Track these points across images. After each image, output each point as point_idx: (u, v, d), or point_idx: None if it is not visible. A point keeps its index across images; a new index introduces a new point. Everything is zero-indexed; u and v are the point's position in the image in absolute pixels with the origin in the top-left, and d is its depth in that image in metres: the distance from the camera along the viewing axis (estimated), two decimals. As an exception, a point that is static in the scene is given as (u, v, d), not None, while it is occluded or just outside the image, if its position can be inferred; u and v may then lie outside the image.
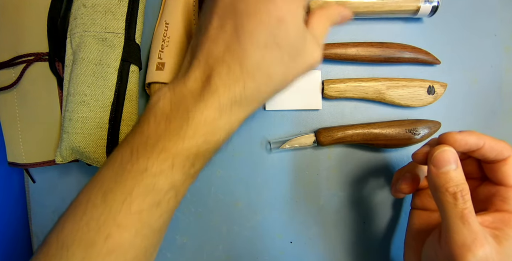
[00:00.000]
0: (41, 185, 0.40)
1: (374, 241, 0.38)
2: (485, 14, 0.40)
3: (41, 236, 0.40)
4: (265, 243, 0.39)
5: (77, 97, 0.33)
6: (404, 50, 0.37)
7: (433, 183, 0.25)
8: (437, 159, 0.25)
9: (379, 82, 0.37)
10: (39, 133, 0.36)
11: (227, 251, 0.39)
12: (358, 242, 0.38)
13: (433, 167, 0.25)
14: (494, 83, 0.39)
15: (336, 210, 0.39)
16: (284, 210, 0.39)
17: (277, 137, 0.39)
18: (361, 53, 0.37)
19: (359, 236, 0.38)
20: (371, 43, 0.38)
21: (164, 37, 0.36)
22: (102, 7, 0.35)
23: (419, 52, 0.38)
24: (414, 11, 0.37)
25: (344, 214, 0.39)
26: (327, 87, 0.37)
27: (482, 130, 0.39)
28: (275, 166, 0.39)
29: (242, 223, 0.39)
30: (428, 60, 0.38)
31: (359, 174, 0.39)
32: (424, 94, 0.38)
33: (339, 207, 0.39)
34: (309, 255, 0.39)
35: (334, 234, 0.39)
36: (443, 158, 0.25)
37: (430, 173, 0.26)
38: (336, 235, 0.39)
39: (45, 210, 0.40)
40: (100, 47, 0.34)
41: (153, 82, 0.35)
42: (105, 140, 0.33)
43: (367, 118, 0.39)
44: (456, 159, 0.25)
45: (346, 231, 0.38)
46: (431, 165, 0.25)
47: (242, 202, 0.39)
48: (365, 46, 0.37)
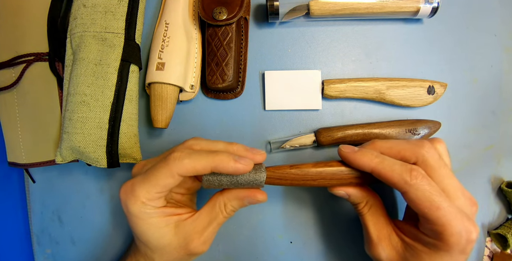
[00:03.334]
0: (41, 185, 0.40)
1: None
2: (485, 14, 0.40)
3: (41, 236, 0.40)
4: (265, 243, 0.39)
5: (77, 97, 0.33)
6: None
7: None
8: None
9: (379, 82, 0.37)
10: (39, 133, 0.36)
11: (227, 251, 0.39)
12: (358, 242, 0.38)
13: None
14: (494, 83, 0.39)
15: (336, 210, 0.39)
16: (284, 210, 0.39)
17: (277, 137, 0.39)
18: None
19: (359, 236, 0.38)
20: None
21: (164, 37, 0.36)
22: (102, 7, 0.35)
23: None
24: (414, 12, 0.37)
25: (344, 214, 0.39)
26: (327, 87, 0.37)
27: (482, 130, 0.39)
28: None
29: (242, 223, 0.39)
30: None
31: (359, 174, 0.39)
32: (424, 94, 0.38)
33: (339, 207, 0.39)
34: (309, 255, 0.39)
35: (334, 234, 0.39)
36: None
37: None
38: (336, 235, 0.39)
39: (45, 210, 0.40)
40: (100, 47, 0.34)
41: (153, 82, 0.36)
42: (105, 140, 0.33)
43: (367, 118, 0.39)
44: None
45: (346, 231, 0.38)
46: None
47: (242, 202, 0.39)
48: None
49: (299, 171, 0.29)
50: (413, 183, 0.25)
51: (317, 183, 0.30)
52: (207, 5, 0.36)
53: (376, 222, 0.30)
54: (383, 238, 0.30)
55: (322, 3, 0.36)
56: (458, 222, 0.25)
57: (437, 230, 0.25)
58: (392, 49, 0.39)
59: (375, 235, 0.30)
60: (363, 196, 0.30)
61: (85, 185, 0.40)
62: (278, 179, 0.29)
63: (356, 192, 0.30)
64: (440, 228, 0.25)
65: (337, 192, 0.30)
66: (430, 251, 0.26)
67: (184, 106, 0.39)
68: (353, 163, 0.28)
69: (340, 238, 0.39)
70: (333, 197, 0.39)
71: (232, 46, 0.37)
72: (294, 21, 0.39)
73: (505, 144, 0.39)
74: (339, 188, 0.30)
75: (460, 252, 0.25)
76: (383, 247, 0.29)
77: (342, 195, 0.30)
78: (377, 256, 0.30)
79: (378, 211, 0.30)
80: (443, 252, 0.26)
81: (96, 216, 0.40)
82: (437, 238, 0.26)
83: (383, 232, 0.30)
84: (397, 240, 0.29)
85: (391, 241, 0.29)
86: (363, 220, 0.31)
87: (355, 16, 0.38)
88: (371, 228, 0.30)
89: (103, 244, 0.40)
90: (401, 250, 0.29)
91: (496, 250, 0.39)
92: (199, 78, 0.39)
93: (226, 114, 0.39)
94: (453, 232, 0.25)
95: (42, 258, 0.40)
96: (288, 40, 0.40)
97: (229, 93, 0.39)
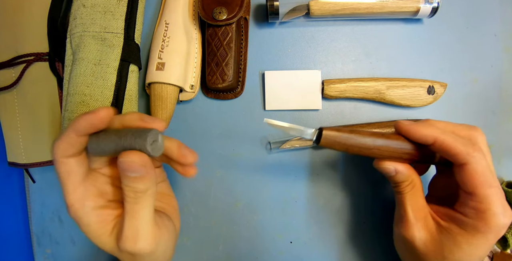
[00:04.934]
0: (41, 185, 0.40)
1: (374, 241, 0.38)
2: (485, 14, 0.40)
3: (41, 236, 0.40)
4: (265, 243, 0.39)
5: (76, 97, 0.33)
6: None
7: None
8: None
9: (379, 82, 0.37)
10: (39, 133, 0.36)
11: (227, 251, 0.39)
12: (358, 242, 0.38)
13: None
14: (494, 83, 0.39)
15: (336, 210, 0.39)
16: (284, 210, 0.39)
17: (277, 137, 0.39)
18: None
19: (359, 236, 0.38)
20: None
21: (164, 37, 0.36)
22: (101, 7, 0.35)
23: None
24: (414, 12, 0.37)
25: (344, 214, 0.39)
26: (327, 87, 0.37)
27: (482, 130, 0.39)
28: (275, 166, 0.39)
29: (242, 223, 0.39)
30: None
31: (359, 174, 0.39)
32: (424, 94, 0.38)
33: (339, 207, 0.39)
34: (309, 255, 0.39)
35: (334, 234, 0.39)
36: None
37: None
38: (336, 235, 0.39)
39: (45, 210, 0.40)
40: (100, 47, 0.34)
41: (153, 82, 0.36)
42: (105, 140, 0.33)
43: (367, 118, 0.39)
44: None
45: (346, 231, 0.38)
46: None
47: (242, 202, 0.39)
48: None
49: (359, 138, 0.28)
50: (475, 155, 0.25)
51: (371, 152, 0.28)
52: (207, 5, 0.36)
53: (414, 203, 0.29)
54: (419, 219, 0.29)
55: (322, 3, 0.36)
56: (501, 205, 0.25)
57: (481, 208, 0.25)
58: (392, 49, 0.39)
59: (412, 215, 0.29)
60: (409, 175, 0.29)
61: (85, 185, 0.40)
62: (336, 143, 0.28)
63: (404, 170, 0.29)
64: (485, 207, 0.25)
65: (386, 166, 0.29)
66: (467, 233, 0.26)
67: (184, 106, 0.39)
68: (415, 134, 0.27)
69: (340, 238, 0.39)
70: (333, 197, 0.39)
71: (232, 46, 0.37)
72: (294, 21, 0.39)
73: (505, 144, 0.39)
74: (389, 162, 0.29)
75: (495, 235, 0.26)
76: (418, 228, 0.29)
77: (389, 171, 0.29)
78: (410, 237, 0.29)
79: (418, 192, 0.30)
80: (480, 235, 0.26)
81: (96, 216, 0.40)
82: (478, 218, 0.26)
83: (420, 214, 0.29)
84: (433, 223, 0.29)
85: (427, 223, 0.29)
86: (402, 199, 0.30)
87: (355, 16, 0.38)
88: (409, 209, 0.29)
89: (103, 244, 0.40)
90: (436, 233, 0.28)
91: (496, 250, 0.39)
92: (199, 78, 0.39)
93: (226, 114, 0.39)
94: (496, 213, 0.25)
95: (42, 258, 0.40)
96: (288, 40, 0.40)
97: (229, 93, 0.39)
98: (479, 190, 0.25)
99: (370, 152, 0.28)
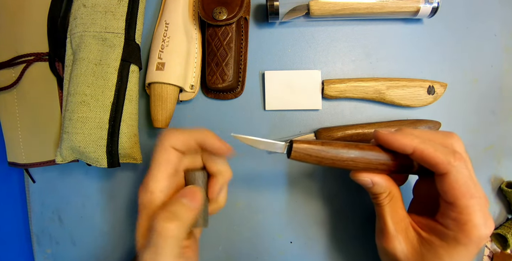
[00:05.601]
0: (41, 185, 0.40)
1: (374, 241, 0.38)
2: (485, 14, 0.40)
3: (41, 236, 0.40)
4: (265, 243, 0.39)
5: (77, 97, 0.33)
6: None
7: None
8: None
9: (379, 82, 0.37)
10: (39, 133, 0.36)
11: (227, 251, 0.39)
12: (358, 242, 0.38)
13: None
14: (494, 83, 0.39)
15: (336, 210, 0.39)
16: (284, 210, 0.39)
17: (277, 137, 0.39)
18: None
19: (359, 236, 0.38)
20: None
21: (164, 37, 0.36)
22: (102, 7, 0.35)
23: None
24: (414, 12, 0.37)
25: (344, 214, 0.39)
26: (327, 87, 0.37)
27: (482, 130, 0.39)
28: (275, 166, 0.39)
29: (242, 223, 0.39)
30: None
31: (359, 174, 0.39)
32: (424, 94, 0.38)
33: (339, 207, 0.39)
34: (309, 255, 0.39)
35: (334, 234, 0.39)
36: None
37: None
38: (336, 235, 0.39)
39: (45, 210, 0.40)
40: (100, 47, 0.34)
41: (153, 82, 0.36)
42: (105, 140, 0.33)
43: (367, 118, 0.39)
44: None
45: (346, 231, 0.38)
46: None
47: (242, 202, 0.39)
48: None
49: (331, 150, 0.27)
50: (456, 165, 0.25)
51: (345, 164, 0.28)
52: (207, 5, 0.36)
53: (394, 214, 0.29)
54: (400, 231, 0.29)
55: (322, 3, 0.36)
56: (482, 215, 0.25)
57: (461, 220, 0.25)
58: (392, 49, 0.39)
59: (392, 228, 0.29)
60: (387, 186, 0.29)
61: (85, 185, 0.40)
62: (307, 156, 0.28)
63: (381, 181, 0.28)
64: (466, 218, 0.25)
65: (362, 178, 0.28)
66: (448, 245, 0.26)
67: (184, 106, 0.39)
68: (394, 143, 0.27)
69: (340, 238, 0.39)
70: (333, 197, 0.39)
71: (232, 46, 0.37)
72: (294, 21, 0.39)
73: (505, 144, 0.39)
74: (365, 174, 0.28)
75: (476, 246, 0.25)
76: (399, 241, 0.28)
77: (366, 183, 0.29)
78: (391, 250, 0.29)
79: (397, 203, 0.29)
80: (461, 246, 0.25)
81: (96, 216, 0.40)
82: (459, 230, 0.25)
83: (400, 225, 0.29)
84: (414, 234, 0.29)
85: (408, 235, 0.29)
86: (381, 211, 0.29)
87: (355, 16, 0.38)
88: (389, 221, 0.29)
89: (103, 244, 0.40)
90: (417, 244, 0.28)
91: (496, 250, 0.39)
92: (199, 78, 0.39)
93: (226, 114, 0.39)
94: (477, 224, 0.25)
95: (42, 258, 0.40)
96: (288, 40, 0.40)
97: (229, 93, 0.39)
98: (460, 200, 0.25)
99: (344, 164, 0.28)
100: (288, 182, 0.39)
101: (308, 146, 0.28)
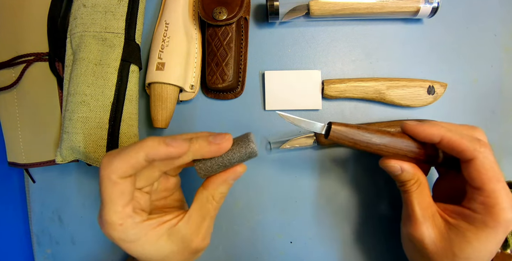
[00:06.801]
0: (41, 185, 0.40)
1: (374, 241, 0.38)
2: (485, 14, 0.40)
3: (41, 236, 0.40)
4: (265, 243, 0.39)
5: (77, 97, 0.33)
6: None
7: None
8: None
9: (379, 82, 0.37)
10: (39, 133, 0.36)
11: (227, 251, 0.39)
12: (358, 242, 0.38)
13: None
14: (494, 83, 0.39)
15: (336, 210, 0.39)
16: (284, 210, 0.39)
17: (277, 137, 0.39)
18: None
19: (359, 236, 0.38)
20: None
21: (164, 37, 0.36)
22: (102, 7, 0.35)
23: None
24: (414, 12, 0.37)
25: (344, 214, 0.39)
26: (327, 87, 0.37)
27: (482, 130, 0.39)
28: (275, 166, 0.39)
29: (242, 223, 0.39)
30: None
31: (359, 174, 0.39)
32: (424, 94, 0.38)
33: (339, 207, 0.39)
34: (309, 255, 0.39)
35: (334, 234, 0.39)
36: None
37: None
38: (336, 235, 0.39)
39: (45, 210, 0.40)
40: (100, 47, 0.34)
41: (153, 82, 0.36)
42: (105, 140, 0.33)
43: (367, 118, 0.39)
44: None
45: (346, 231, 0.38)
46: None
47: (242, 202, 0.39)
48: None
49: (366, 134, 0.29)
50: (482, 151, 0.26)
51: (377, 148, 0.29)
52: (207, 5, 0.36)
53: (422, 201, 0.29)
54: (428, 217, 0.29)
55: (322, 3, 0.36)
56: (509, 199, 0.25)
57: (490, 203, 0.26)
58: (392, 49, 0.39)
59: (420, 214, 0.29)
60: (414, 173, 0.29)
61: (85, 185, 0.40)
62: (344, 137, 0.29)
63: (410, 168, 0.29)
64: (494, 201, 0.25)
65: (392, 165, 0.29)
66: (476, 228, 0.26)
67: (184, 106, 0.39)
68: (422, 133, 0.28)
69: (340, 238, 0.39)
70: (333, 197, 0.39)
71: (232, 46, 0.37)
72: (294, 21, 0.39)
73: (505, 144, 0.39)
74: (394, 161, 0.29)
75: (504, 229, 0.26)
76: (427, 227, 0.29)
77: (395, 170, 0.29)
78: (419, 236, 0.29)
79: (424, 190, 0.30)
80: (489, 229, 0.26)
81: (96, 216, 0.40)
82: (487, 212, 0.26)
83: (428, 212, 0.29)
84: (441, 220, 0.29)
85: (435, 221, 0.29)
86: (409, 198, 0.30)
87: (355, 16, 0.38)
88: (417, 207, 0.29)
89: (103, 244, 0.40)
90: (445, 230, 0.28)
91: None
92: (199, 78, 0.39)
93: (226, 114, 0.39)
94: (505, 207, 0.25)
95: (42, 258, 0.40)
96: (288, 40, 0.40)
97: (229, 93, 0.39)
98: (487, 185, 0.26)
99: (377, 148, 0.29)
100: (288, 182, 0.39)
101: (345, 128, 0.29)
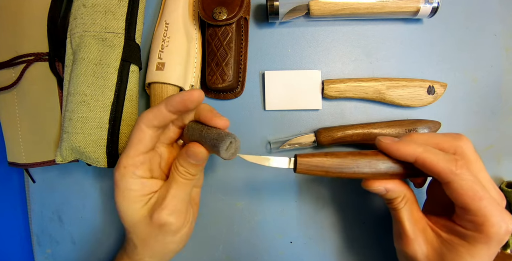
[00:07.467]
0: (41, 185, 0.40)
1: (374, 241, 0.38)
2: (485, 14, 0.40)
3: (41, 236, 0.40)
4: (265, 243, 0.39)
5: (77, 97, 0.33)
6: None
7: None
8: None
9: (379, 82, 0.37)
10: (39, 133, 0.36)
11: (227, 251, 0.39)
12: (358, 242, 0.38)
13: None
14: (494, 83, 0.39)
15: (336, 210, 0.39)
16: (284, 210, 0.39)
17: (277, 137, 0.39)
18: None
19: (359, 236, 0.38)
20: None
21: (164, 37, 0.36)
22: (102, 7, 0.35)
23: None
24: (414, 12, 0.37)
25: (344, 214, 0.39)
26: (327, 87, 0.37)
27: (482, 130, 0.39)
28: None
29: (242, 223, 0.39)
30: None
31: (359, 174, 0.39)
32: (424, 94, 0.38)
33: (339, 208, 0.39)
34: (309, 255, 0.39)
35: (334, 234, 0.39)
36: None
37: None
38: (336, 235, 0.39)
39: (45, 210, 0.40)
40: (100, 47, 0.34)
41: (153, 82, 0.36)
42: (105, 140, 0.33)
43: (367, 118, 0.39)
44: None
45: (346, 231, 0.38)
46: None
47: (242, 202, 0.39)
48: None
49: (336, 159, 0.27)
50: (458, 173, 0.25)
51: (351, 174, 0.28)
52: (207, 5, 0.36)
53: (411, 217, 0.29)
54: (419, 233, 0.28)
55: (322, 3, 0.36)
56: (498, 213, 0.25)
57: (478, 221, 0.25)
58: (392, 49, 0.39)
59: (410, 230, 0.28)
60: (400, 190, 0.28)
61: (85, 185, 0.40)
62: (313, 167, 0.27)
63: (394, 186, 0.28)
64: (481, 219, 0.25)
65: (375, 188, 0.28)
66: (468, 244, 0.26)
67: (184, 106, 0.39)
68: (396, 152, 0.27)
69: (340, 238, 0.39)
70: (333, 197, 0.39)
71: (232, 46, 0.37)
72: (294, 21, 0.39)
73: (505, 144, 0.39)
74: (377, 182, 0.28)
75: (497, 243, 0.25)
76: (419, 243, 0.28)
77: (379, 192, 0.28)
78: (412, 253, 0.28)
79: (412, 205, 0.29)
80: (482, 245, 0.25)
81: (96, 216, 0.40)
82: (477, 230, 0.25)
83: (418, 227, 0.29)
84: (432, 235, 0.28)
85: (427, 236, 0.28)
86: (398, 215, 0.29)
87: (355, 16, 0.38)
88: (407, 224, 0.29)
89: (103, 244, 0.40)
90: (437, 245, 0.28)
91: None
92: (199, 78, 0.39)
93: (226, 114, 0.39)
94: (494, 223, 0.25)
95: (42, 258, 0.40)
96: (288, 40, 0.40)
97: (229, 93, 0.39)
98: (471, 205, 0.25)
99: (352, 173, 0.28)
100: (288, 182, 0.39)
101: (311, 158, 0.27)
